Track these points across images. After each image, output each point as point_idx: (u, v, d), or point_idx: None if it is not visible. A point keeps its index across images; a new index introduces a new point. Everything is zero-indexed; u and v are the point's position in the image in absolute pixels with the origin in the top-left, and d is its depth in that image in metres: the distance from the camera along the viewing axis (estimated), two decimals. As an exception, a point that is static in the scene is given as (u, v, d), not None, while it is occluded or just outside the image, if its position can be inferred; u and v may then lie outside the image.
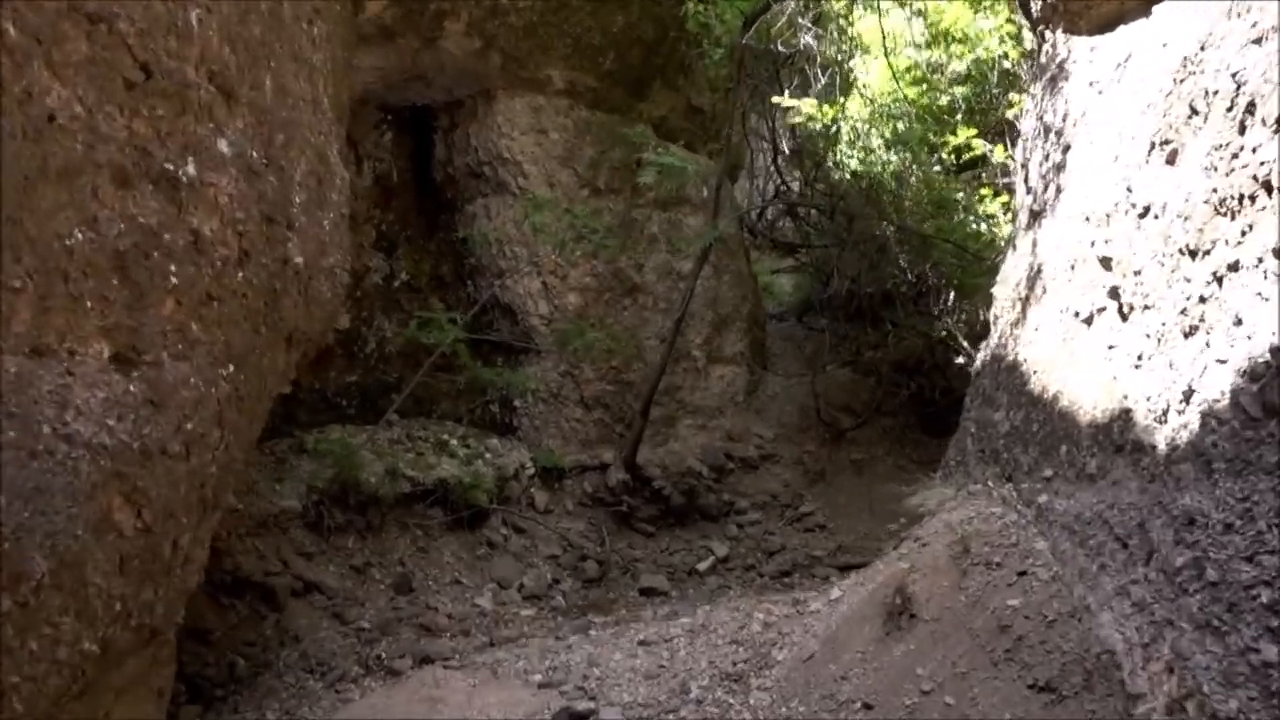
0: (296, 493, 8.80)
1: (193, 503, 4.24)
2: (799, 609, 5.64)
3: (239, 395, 4.57)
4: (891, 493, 11.05)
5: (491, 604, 8.73)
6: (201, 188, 4.15)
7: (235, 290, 4.43)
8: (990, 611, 4.17)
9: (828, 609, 5.33)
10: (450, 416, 10.56)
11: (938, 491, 5.51)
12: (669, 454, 10.83)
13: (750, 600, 8.20)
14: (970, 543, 4.61)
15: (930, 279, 12.04)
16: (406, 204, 10.48)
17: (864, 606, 4.90)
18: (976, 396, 5.81)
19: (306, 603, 8.31)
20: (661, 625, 6.36)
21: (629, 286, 10.72)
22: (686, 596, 9.33)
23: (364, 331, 10.15)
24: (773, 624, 5.54)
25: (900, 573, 4.81)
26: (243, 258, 4.49)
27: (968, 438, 5.71)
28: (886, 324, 12.68)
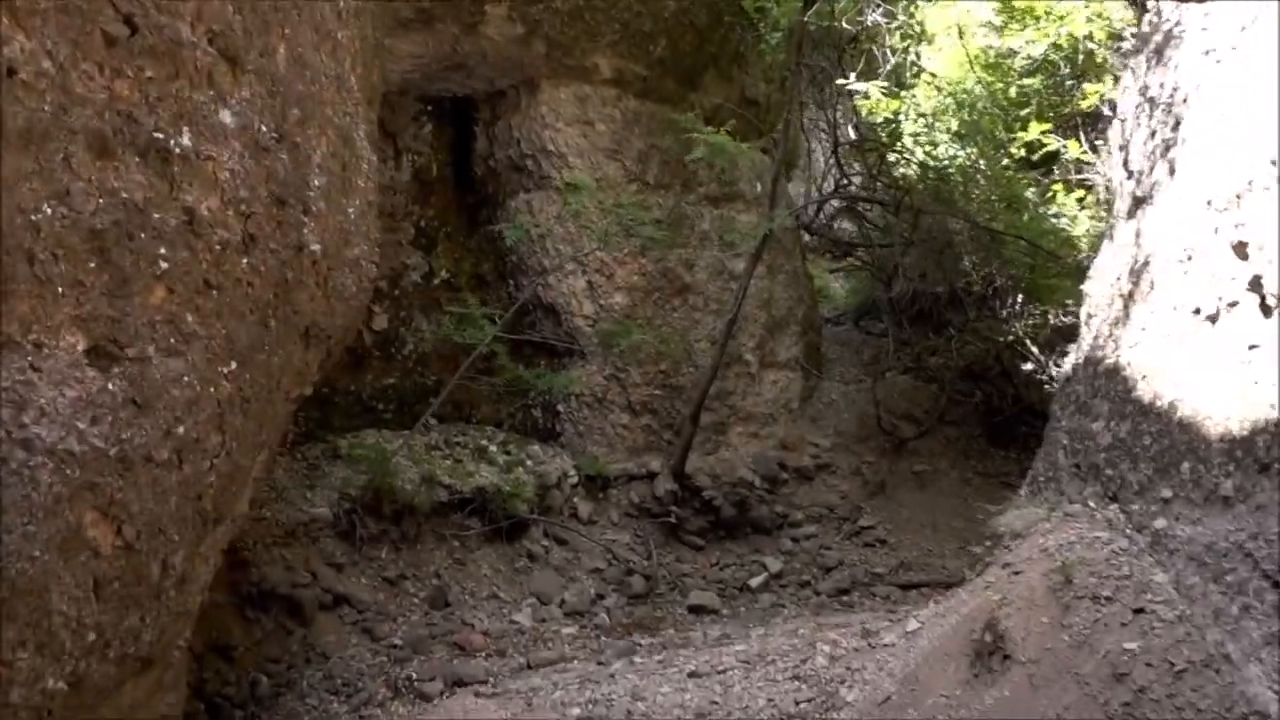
0: (328, 500, 8.36)
1: (187, 516, 3.76)
2: (870, 641, 5.05)
3: (244, 396, 4.09)
4: (956, 507, 10.46)
5: (530, 620, 8.22)
6: (198, 161, 3.66)
7: (239, 278, 3.95)
8: (1102, 655, 3.58)
9: (904, 643, 4.75)
10: (490, 421, 10.08)
11: (1028, 511, 4.89)
12: (719, 463, 10.27)
13: (809, 623, 7.63)
14: (1073, 572, 4.02)
15: (998, 280, 11.41)
16: (446, 199, 10.02)
17: (947, 642, 4.32)
18: (1068, 404, 5.21)
19: (335, 617, 7.86)
20: (713, 653, 5.80)
21: (679, 286, 10.17)
22: (738, 615, 8.77)
23: (401, 332, 9.69)
24: (840, 657, 4.96)
25: (989, 605, 4.22)
26: (248, 242, 4.00)
27: (1059, 450, 5.10)
28: (950, 328, 12.06)
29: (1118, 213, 5.31)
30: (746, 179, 10.69)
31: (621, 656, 6.66)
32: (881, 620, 6.21)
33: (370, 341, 9.56)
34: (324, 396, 9.25)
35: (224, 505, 4.20)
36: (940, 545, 10.14)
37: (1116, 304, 4.93)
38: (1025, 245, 9.76)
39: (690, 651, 6.13)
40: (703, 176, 10.39)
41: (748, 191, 10.68)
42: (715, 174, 10.46)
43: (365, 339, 9.52)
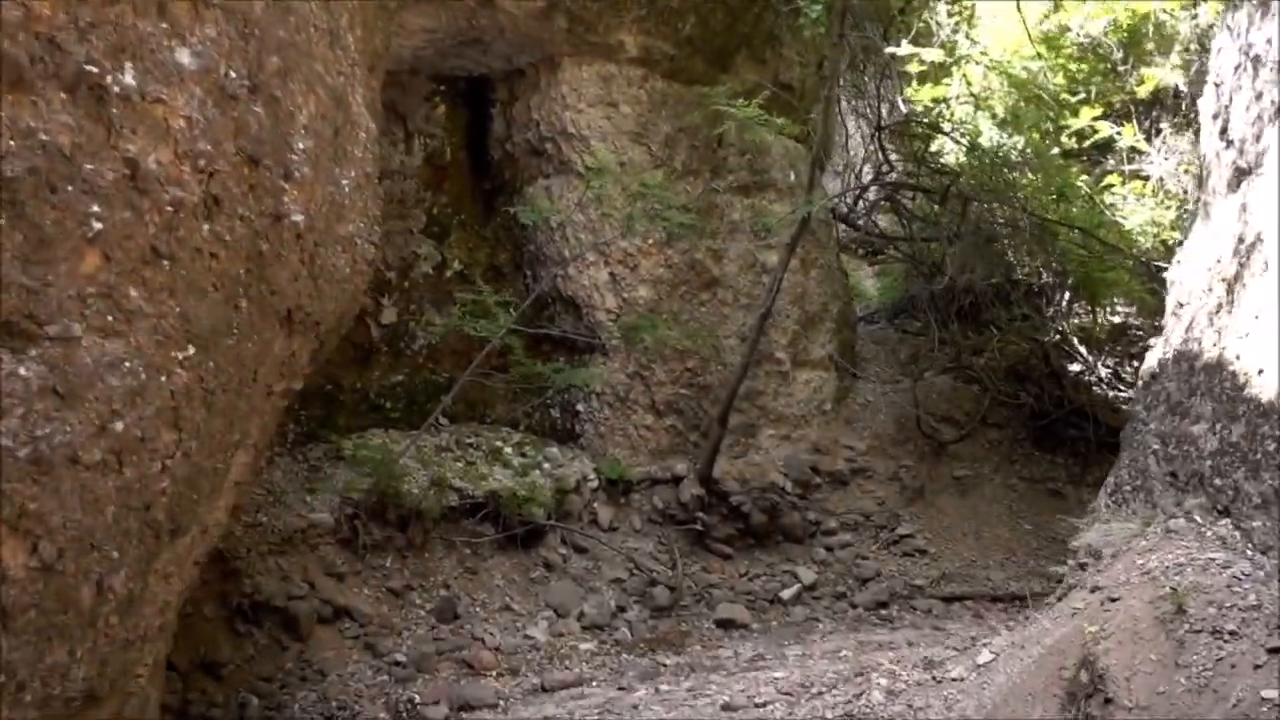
0: (329, 505, 7.81)
1: (130, 529, 3.17)
2: (934, 674, 4.42)
3: (206, 387, 3.50)
4: (1000, 515, 9.83)
5: (546, 635, 7.63)
6: (144, 104, 3.08)
7: (198, 248, 3.36)
8: (1231, 705, 2.95)
9: (976, 678, 4.11)
10: (505, 421, 9.49)
11: (1117, 526, 4.25)
12: (749, 466, 9.65)
13: (849, 641, 7.02)
14: (1186, 601, 3.39)
15: (1045, 275, 10.75)
16: (460, 185, 9.44)
17: (1031, 680, 3.68)
18: (1156, 404, 4.56)
19: (335, 631, 7.29)
20: (749, 680, 5.18)
21: (707, 279, 9.56)
22: (769, 630, 8.15)
23: (411, 326, 9.11)
24: (900, 693, 4.33)
25: (1082, 637, 3.59)
26: (210, 205, 3.41)
27: (1148, 456, 4.46)
28: (992, 326, 11.39)
29: (1213, 188, 4.67)
30: (779, 167, 10.07)
31: (645, 680, 6.05)
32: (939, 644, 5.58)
33: (378, 336, 8.99)
34: (328, 394, 8.69)
35: (184, 515, 3.61)
36: (984, 555, 9.50)
37: (1217, 290, 4.29)
38: (1079, 237, 9.07)
39: (722, 678, 5.51)
40: (733, 164, 9.78)
41: (780, 180, 10.05)
42: (746, 161, 9.85)
43: (372, 333, 8.96)
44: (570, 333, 9.15)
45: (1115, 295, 9.65)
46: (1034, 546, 9.60)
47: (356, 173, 5.05)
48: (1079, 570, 4.46)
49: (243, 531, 7.36)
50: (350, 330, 8.86)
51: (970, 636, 5.03)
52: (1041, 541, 9.66)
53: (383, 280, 8.95)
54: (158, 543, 3.45)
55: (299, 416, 8.52)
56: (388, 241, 8.98)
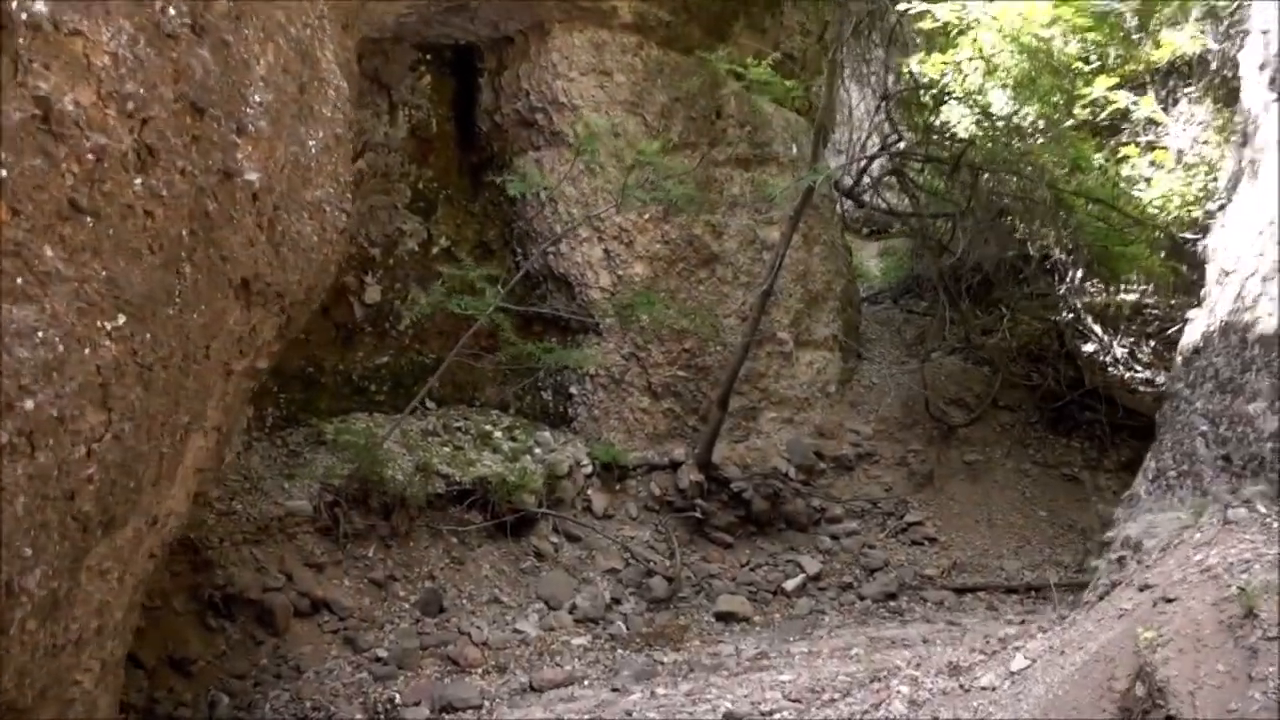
0: (308, 492, 7.43)
1: (48, 522, 2.77)
2: (961, 682, 4.01)
3: (143, 362, 3.10)
4: (1013, 501, 9.44)
5: (536, 629, 7.24)
6: (59, 36, 2.66)
7: (129, 204, 2.95)
8: (1319, 727, 2.58)
9: (1010, 688, 3.71)
10: (495, 405, 9.10)
11: (1164, 516, 3.84)
12: (750, 451, 9.26)
13: (858, 636, 6.63)
14: (1257, 602, 2.98)
15: (1056, 252, 10.34)
16: (447, 159, 9.01)
17: (1075, 692, 3.28)
18: (1202, 381, 4.16)
19: (313, 625, 6.91)
20: (753, 684, 4.77)
21: (705, 256, 9.15)
22: (772, 624, 7.77)
23: (396, 305, 8.69)
24: (924, 703, 3.93)
25: (1133, 642, 3.18)
26: (143, 156, 3.00)
27: (1195, 438, 4.06)
28: (1001, 306, 11.00)
29: (1260, 143, 4.26)
30: (780, 139, 9.66)
31: (640, 681, 5.65)
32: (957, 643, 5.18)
33: (361, 315, 8.58)
34: (308, 376, 8.30)
35: (120, 504, 3.21)
36: (997, 543, 9.12)
37: (1270, 253, 3.89)
38: (1096, 211, 8.65)
39: (723, 679, 5.10)
40: (732, 136, 9.37)
41: (781, 153, 9.64)
42: (746, 134, 9.45)
43: (355, 312, 8.55)
44: (563, 310, 8.74)
45: (1134, 271, 9.22)
46: (1049, 534, 9.22)
47: (325, 133, 4.63)
48: (1117, 565, 4.05)
49: (215, 520, 6.97)
50: (332, 309, 8.49)
51: (997, 638, 4.60)
52: (1057, 529, 9.28)
53: (366, 257, 8.55)
54: (87, 536, 3.05)
55: (278, 400, 8.14)
56: (371, 217, 8.60)
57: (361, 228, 8.49)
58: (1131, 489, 4.58)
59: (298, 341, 8.22)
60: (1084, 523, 9.37)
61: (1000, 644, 4.46)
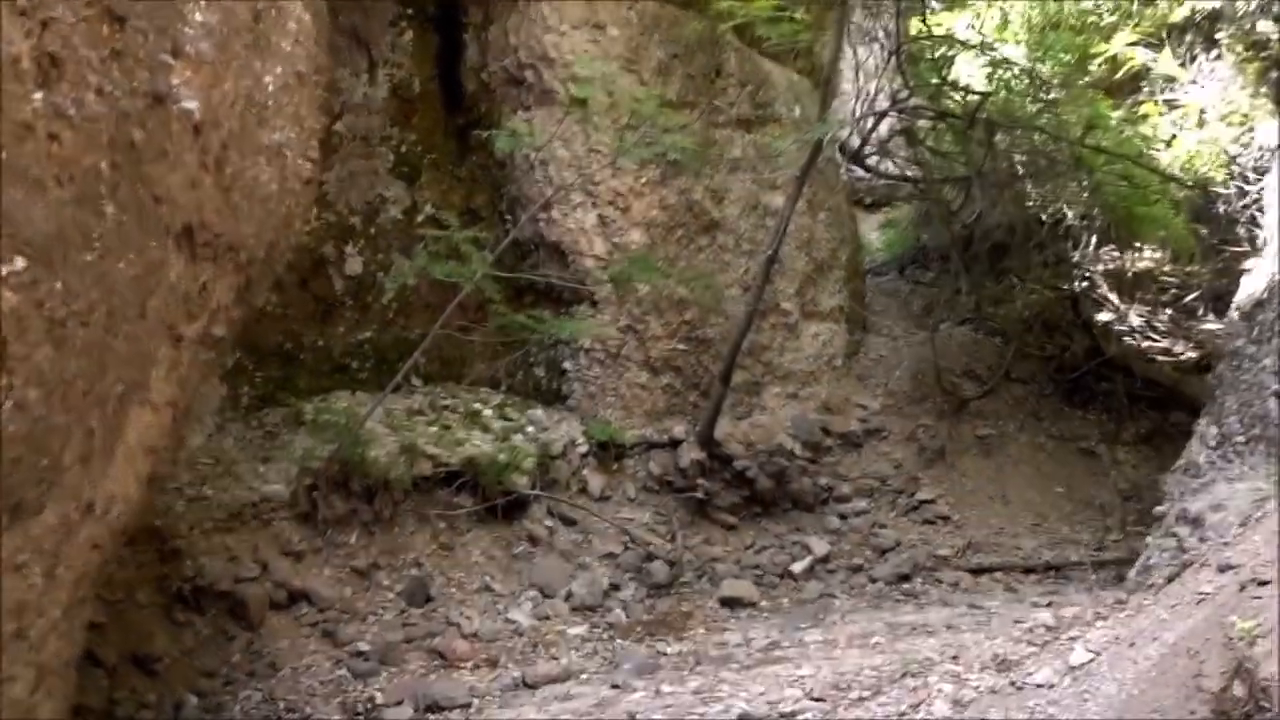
0: (284, 475, 6.94)
1: (-71, 508, 2.29)
2: (1011, 678, 3.54)
3: (51, 316, 2.61)
4: (1029, 477, 9.00)
5: (530, 618, 6.79)
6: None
7: (25, 122, 2.45)
8: None
9: (1072, 686, 3.24)
10: (485, 382, 8.60)
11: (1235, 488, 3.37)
12: (754, 428, 8.78)
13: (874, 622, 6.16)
14: (1378, 589, 2.54)
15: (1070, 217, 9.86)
16: (431, 121, 8.48)
17: (1154, 690, 2.81)
18: (1269, 337, 3.68)
19: (290, 618, 6.44)
20: (768, 680, 4.30)
21: (706, 223, 8.66)
22: (780, 609, 7.32)
23: (379, 277, 8.17)
24: (970, 703, 3.45)
25: (1221, 632, 2.72)
26: (46, 67, 2.50)
27: (1267, 399, 3.59)
28: (1011, 275, 10.52)
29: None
30: (783, 100, 9.17)
31: (643, 675, 5.18)
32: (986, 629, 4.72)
33: (341, 288, 8.07)
34: (286, 353, 7.82)
35: (28, 487, 2.72)
36: (1012, 521, 8.68)
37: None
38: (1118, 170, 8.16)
39: (734, 674, 4.63)
40: (732, 95, 8.87)
41: (784, 114, 9.14)
42: (747, 94, 8.95)
43: (335, 285, 8.06)
44: (556, 278, 8.23)
45: (1157, 233, 8.76)
46: (1067, 511, 8.78)
47: (284, 70, 4.14)
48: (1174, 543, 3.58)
49: (184, 507, 6.49)
50: (310, 282, 8.00)
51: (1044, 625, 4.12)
52: (1075, 505, 8.84)
53: (345, 226, 8.05)
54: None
55: (253, 378, 7.67)
56: (351, 183, 8.11)
57: (341, 195, 8.00)
58: (1185, 457, 4.14)
59: (274, 316, 7.77)
60: (1102, 498, 8.94)
61: (1048, 632, 3.99)
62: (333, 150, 7.87)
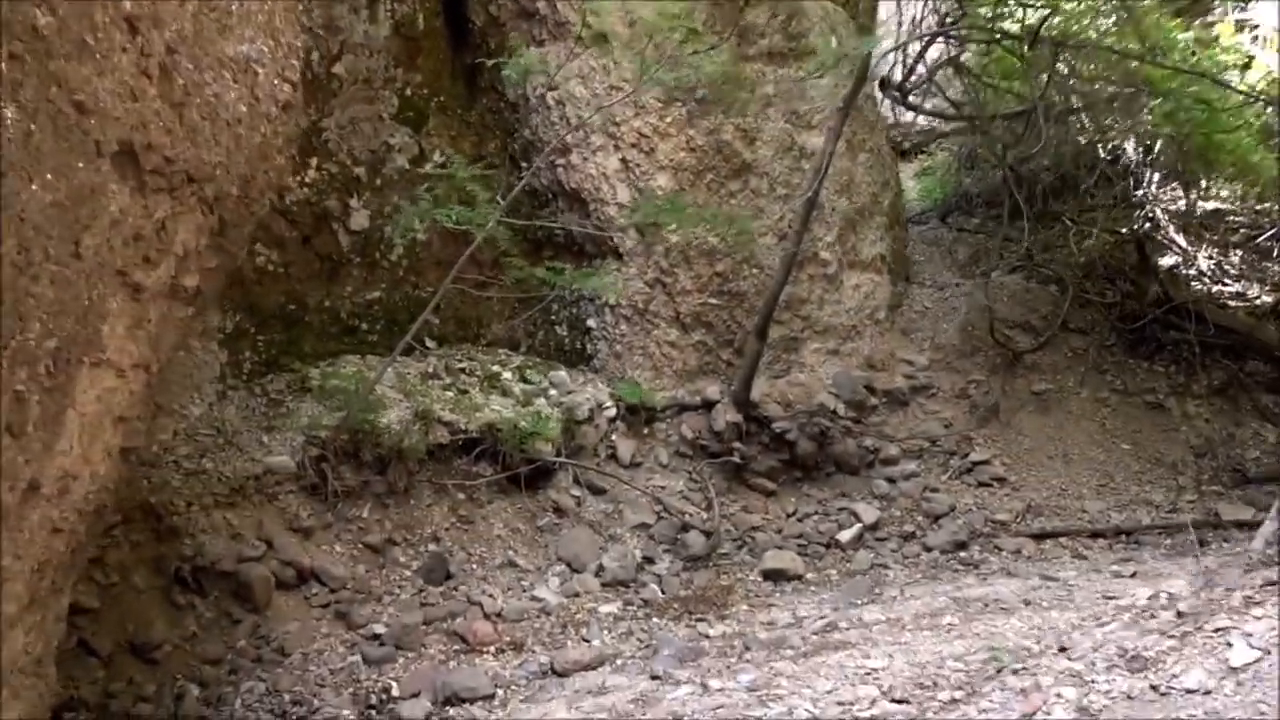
0: (290, 446, 6.42)
1: None
2: (1150, 678, 2.92)
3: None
4: (1091, 434, 8.38)
5: (558, 596, 6.27)
6: None
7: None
8: None
9: (1239, 696, 2.64)
10: (504, 343, 8.07)
11: None
12: (792, 387, 8.18)
13: (938, 596, 5.57)
14: None
15: (1128, 153, 9.15)
16: (437, 61, 7.86)
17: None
18: None
19: (299, 599, 5.96)
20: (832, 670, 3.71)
21: (737, 165, 8.01)
22: (828, 582, 6.76)
23: (387, 232, 7.60)
24: (1101, 711, 2.85)
25: None
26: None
27: None
28: (1063, 219, 9.82)
29: None
30: (818, 30, 8.46)
31: (685, 663, 4.61)
32: (1069, 604, 4.11)
33: (347, 245, 7.50)
34: (290, 315, 7.28)
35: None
36: (1075, 482, 8.06)
37: None
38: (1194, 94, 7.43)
39: (792, 665, 4.04)
40: (762, 26, 8.17)
41: (820, 47, 8.44)
42: (779, 24, 8.25)
43: (341, 241, 7.48)
44: (577, 227, 7.62)
45: (1237, 163, 8.04)
46: (1134, 470, 8.15)
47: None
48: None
49: (181, 481, 5.99)
50: (313, 239, 7.43)
51: (1175, 610, 3.50)
52: (1143, 464, 8.21)
53: (350, 178, 7.47)
54: None
55: (255, 342, 7.13)
56: (353, 131, 7.52)
57: (343, 143, 7.41)
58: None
59: (275, 275, 7.22)
60: (1173, 456, 8.30)
61: (1180, 620, 3.36)
62: (331, 95, 7.29)
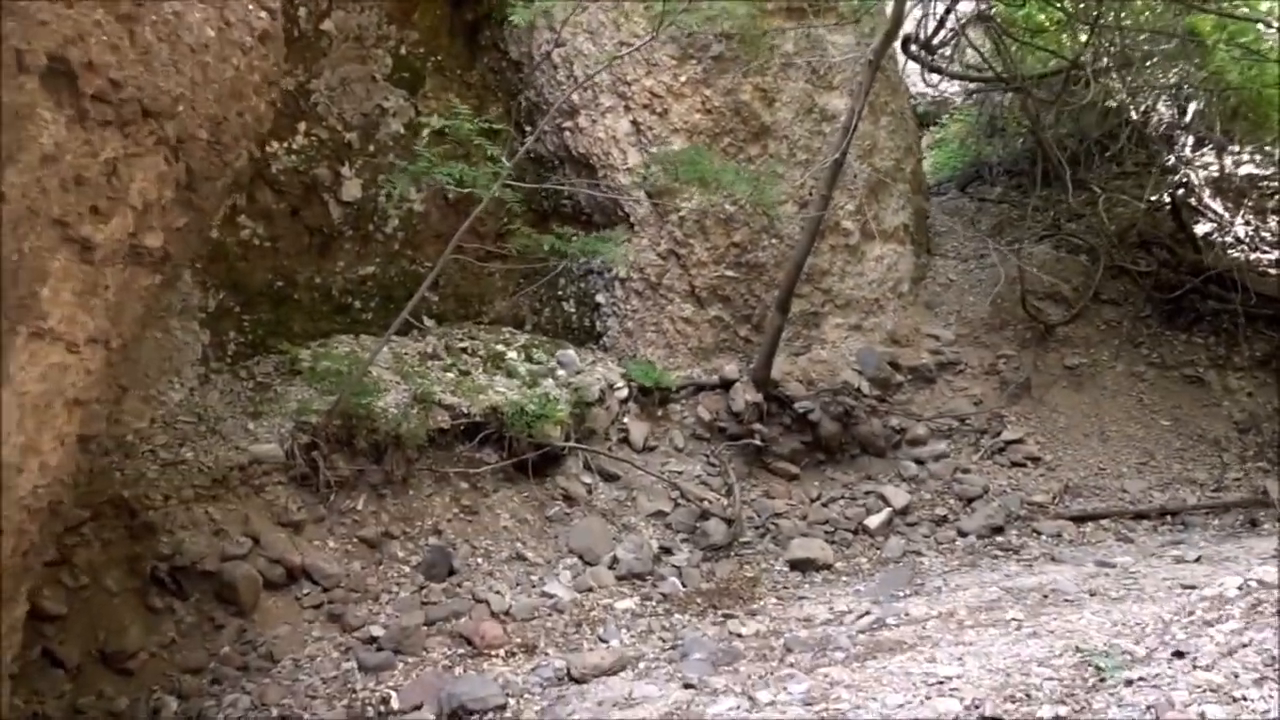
0: (278, 433, 5.93)
1: None
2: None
3: None
4: (1129, 409, 7.92)
5: (570, 591, 5.80)
6: None
7: None
8: None
9: None
10: (508, 320, 7.58)
11: None
12: (814, 364, 7.72)
13: (986, 587, 5.08)
14: None
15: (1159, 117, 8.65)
16: (434, 17, 7.33)
17: None
18: None
19: (289, 599, 5.47)
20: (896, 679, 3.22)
21: (755, 129, 7.52)
22: (860, 571, 6.30)
23: (382, 203, 7.10)
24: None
25: None
26: None
27: None
28: (1090, 187, 9.32)
29: None
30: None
31: (719, 668, 4.13)
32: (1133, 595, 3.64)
33: (339, 217, 6.99)
34: (278, 292, 6.79)
35: None
36: (1113, 461, 7.61)
37: None
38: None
39: (845, 669, 3.53)
40: (783, -23, 7.67)
41: (841, 2, 7.92)
42: (799, -25, 7.73)
43: (332, 213, 6.97)
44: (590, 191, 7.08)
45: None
46: (1176, 447, 7.69)
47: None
48: None
49: (158, 473, 5.49)
50: (302, 210, 6.91)
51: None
52: (1185, 440, 7.75)
53: (341, 144, 6.95)
54: None
55: (241, 322, 6.64)
56: (344, 92, 7.01)
57: (332, 106, 6.89)
58: None
59: (262, 250, 6.71)
60: (1215, 432, 7.84)
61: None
62: (321, 54, 6.77)
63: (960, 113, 11.78)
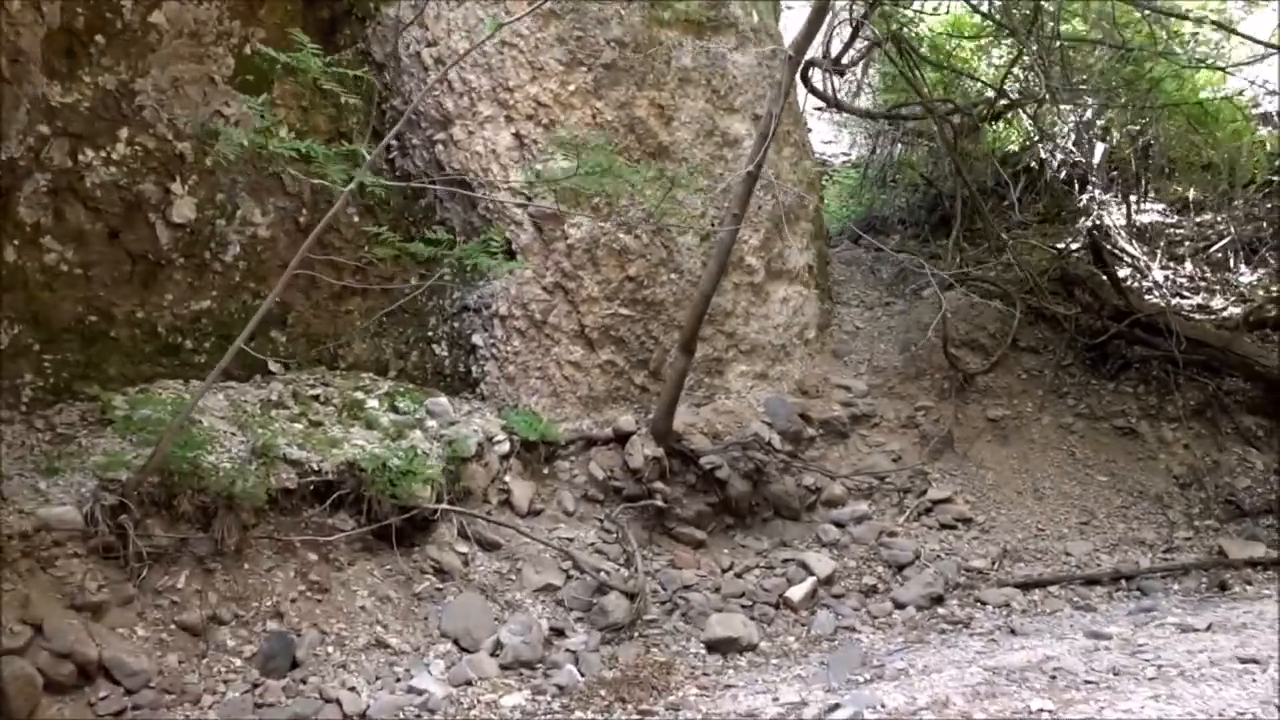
0: (77, 493, 4.73)
1: None
2: None
3: None
4: (1061, 464, 7.28)
5: (444, 685, 4.74)
6: None
7: None
8: None
9: None
10: (369, 365, 6.52)
11: None
12: (719, 415, 6.87)
13: (968, 668, 4.20)
14: None
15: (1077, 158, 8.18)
16: (285, 12, 6.32)
17: None
18: None
19: (81, 705, 4.32)
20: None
21: (652, 148, 6.70)
22: (789, 652, 5.39)
23: (220, 226, 6.01)
24: None
25: None
26: None
27: None
28: (995, 231, 8.80)
29: None
30: (739, 1, 7.28)
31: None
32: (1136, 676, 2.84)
33: (168, 241, 5.87)
34: (91, 329, 5.66)
35: None
36: (1052, 520, 6.93)
37: None
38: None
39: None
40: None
41: (741, 19, 7.29)
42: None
43: (159, 236, 5.84)
44: (463, 214, 6.12)
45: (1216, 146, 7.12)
46: (1117, 505, 7.05)
47: None
48: None
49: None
50: (123, 233, 5.78)
51: None
52: (1125, 497, 7.11)
53: (171, 156, 5.85)
54: None
55: (40, 363, 5.44)
56: (175, 96, 5.93)
57: (162, 112, 5.80)
58: None
59: (70, 278, 5.54)
60: (1156, 487, 7.24)
61: None
62: (148, 50, 5.70)
63: (850, 166, 11.28)
